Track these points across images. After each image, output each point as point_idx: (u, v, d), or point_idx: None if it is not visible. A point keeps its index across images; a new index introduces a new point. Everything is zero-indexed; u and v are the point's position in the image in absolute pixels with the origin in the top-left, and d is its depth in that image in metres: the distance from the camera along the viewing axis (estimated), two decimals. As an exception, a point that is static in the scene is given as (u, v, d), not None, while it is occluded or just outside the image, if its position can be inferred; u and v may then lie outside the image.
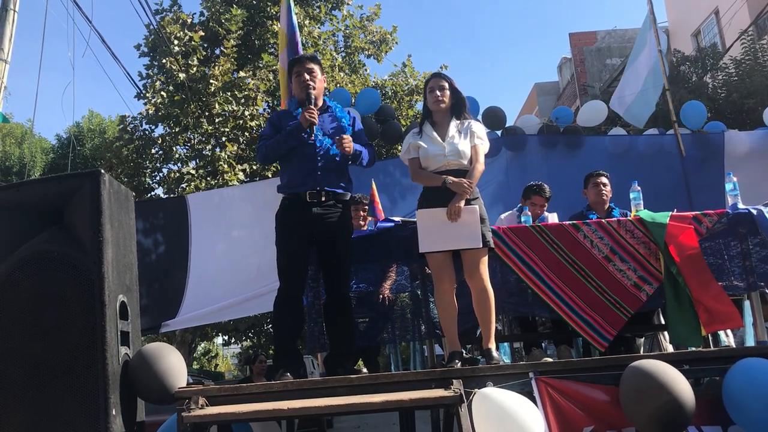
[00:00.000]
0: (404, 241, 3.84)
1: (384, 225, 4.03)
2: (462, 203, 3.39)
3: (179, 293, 5.54)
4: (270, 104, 12.16)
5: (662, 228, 3.82)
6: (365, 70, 14.70)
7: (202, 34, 11.51)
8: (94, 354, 2.65)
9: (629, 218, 3.99)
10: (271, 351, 9.01)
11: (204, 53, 11.70)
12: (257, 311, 6.45)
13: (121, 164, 11.50)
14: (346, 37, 14.78)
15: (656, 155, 7.00)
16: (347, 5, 14.60)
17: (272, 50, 12.40)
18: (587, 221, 4.00)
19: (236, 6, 12.30)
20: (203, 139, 11.23)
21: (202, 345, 29.48)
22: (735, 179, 4.07)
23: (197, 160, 11.28)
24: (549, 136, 7.22)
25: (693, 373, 3.03)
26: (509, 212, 4.80)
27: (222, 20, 11.97)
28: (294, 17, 5.80)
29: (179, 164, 11.61)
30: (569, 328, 3.93)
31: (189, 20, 11.68)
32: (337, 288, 3.68)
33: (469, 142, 3.54)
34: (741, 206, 3.97)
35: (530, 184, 4.81)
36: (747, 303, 4.30)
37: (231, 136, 11.24)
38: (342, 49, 14.68)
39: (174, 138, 11.26)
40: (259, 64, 12.12)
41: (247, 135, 11.38)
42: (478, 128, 3.64)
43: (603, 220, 3.96)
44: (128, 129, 11.61)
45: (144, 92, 11.62)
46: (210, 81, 10.86)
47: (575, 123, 7.45)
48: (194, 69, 10.93)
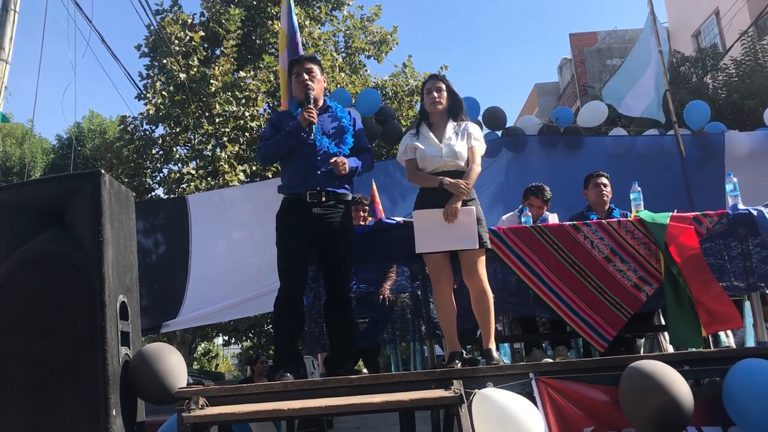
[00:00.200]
0: (405, 242, 3.84)
1: (388, 221, 4.04)
2: (459, 204, 3.40)
3: (180, 293, 5.54)
4: (270, 105, 12.17)
5: (662, 229, 3.82)
6: (365, 71, 14.70)
7: (203, 35, 11.52)
8: (95, 354, 2.65)
9: (629, 219, 4.00)
10: (272, 351, 9.01)
11: (204, 53, 11.71)
12: (258, 312, 6.45)
13: (122, 164, 11.52)
14: (347, 38, 14.79)
15: (656, 156, 7.00)
16: (348, 6, 14.63)
17: (273, 51, 12.42)
18: (587, 222, 4.00)
19: (235, 6, 12.31)
20: (204, 140, 11.24)
21: (203, 345, 29.50)
22: (735, 180, 4.08)
23: (198, 161, 11.30)
24: (549, 137, 7.22)
25: (693, 374, 3.03)
26: (510, 213, 4.81)
27: (222, 20, 11.99)
28: (294, 18, 5.79)
29: (180, 164, 11.63)
30: (569, 329, 3.93)
31: (189, 21, 11.69)
32: (338, 288, 3.67)
33: (466, 144, 3.55)
34: (741, 207, 3.98)
35: (529, 186, 4.81)
36: (747, 304, 4.30)
37: (231, 137, 11.25)
38: (342, 50, 14.69)
39: (174, 138, 11.27)
40: (260, 65, 12.13)
41: (248, 135, 11.39)
42: (475, 130, 3.65)
43: (603, 221, 3.96)
44: (129, 129, 11.62)
45: (144, 92, 11.64)
46: (210, 81, 10.88)
47: (575, 123, 7.45)
48: (194, 69, 10.94)
